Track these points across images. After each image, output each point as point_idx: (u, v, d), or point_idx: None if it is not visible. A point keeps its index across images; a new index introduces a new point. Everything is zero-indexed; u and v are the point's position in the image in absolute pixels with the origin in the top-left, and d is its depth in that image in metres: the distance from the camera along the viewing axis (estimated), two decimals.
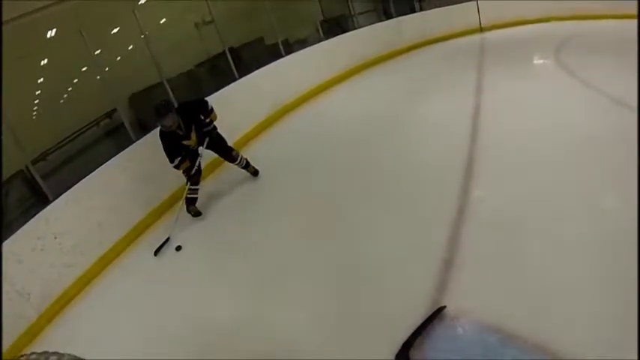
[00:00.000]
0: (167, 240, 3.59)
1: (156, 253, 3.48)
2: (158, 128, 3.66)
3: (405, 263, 2.46)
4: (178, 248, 3.46)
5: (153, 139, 4.00)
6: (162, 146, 3.63)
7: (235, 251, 3.21)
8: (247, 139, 5.56)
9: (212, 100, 3.96)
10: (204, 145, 3.88)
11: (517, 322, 1.85)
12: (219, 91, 5.25)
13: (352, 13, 8.34)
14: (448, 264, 2.33)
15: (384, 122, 4.97)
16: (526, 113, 4.07)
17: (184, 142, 3.70)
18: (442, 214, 2.76)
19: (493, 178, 3.12)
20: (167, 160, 3.67)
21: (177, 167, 3.72)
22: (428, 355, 1.83)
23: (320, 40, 7.41)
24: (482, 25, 9.23)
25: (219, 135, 3.99)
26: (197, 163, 3.85)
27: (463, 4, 9.16)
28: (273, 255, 2.99)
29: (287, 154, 4.93)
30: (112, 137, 6.03)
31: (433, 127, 4.42)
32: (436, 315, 1.99)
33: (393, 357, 1.81)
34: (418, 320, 1.97)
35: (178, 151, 3.68)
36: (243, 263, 3.01)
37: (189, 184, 3.83)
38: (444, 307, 2.03)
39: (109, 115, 6.36)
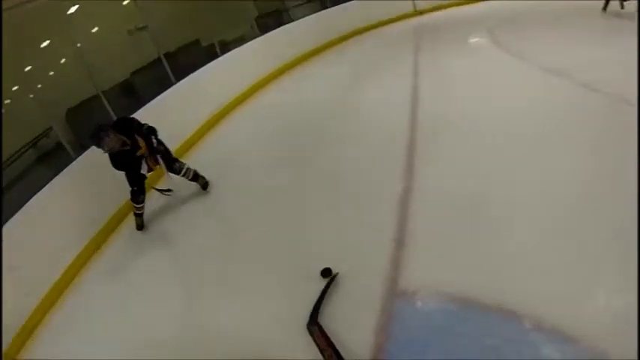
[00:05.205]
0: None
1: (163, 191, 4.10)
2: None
3: (359, 246, 2.57)
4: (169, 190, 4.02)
5: (93, 155, 3.93)
6: (123, 174, 3.70)
7: (200, 256, 3.23)
8: (190, 144, 5.53)
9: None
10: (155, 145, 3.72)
11: (474, 289, 1.96)
12: (157, 98, 5.20)
13: (286, 7, 8.39)
14: (400, 242, 2.46)
15: (327, 111, 5.16)
16: (463, 89, 4.39)
17: (138, 154, 3.65)
18: (390, 195, 2.93)
19: (435, 154, 3.33)
20: (110, 174, 3.66)
21: (142, 203, 3.88)
22: (397, 335, 1.88)
23: (256, 37, 7.44)
24: (419, 9, 9.56)
25: (160, 141, 3.87)
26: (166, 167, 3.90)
27: None
28: (238, 257, 3.01)
29: (232, 153, 4.98)
30: (51, 157, 5.86)
31: (375, 111, 4.67)
32: (332, 282, 2.24)
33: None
34: (382, 302, 2.07)
35: (139, 173, 3.74)
36: (208, 268, 3.02)
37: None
38: (337, 273, 2.30)
39: (46, 134, 6.17)
